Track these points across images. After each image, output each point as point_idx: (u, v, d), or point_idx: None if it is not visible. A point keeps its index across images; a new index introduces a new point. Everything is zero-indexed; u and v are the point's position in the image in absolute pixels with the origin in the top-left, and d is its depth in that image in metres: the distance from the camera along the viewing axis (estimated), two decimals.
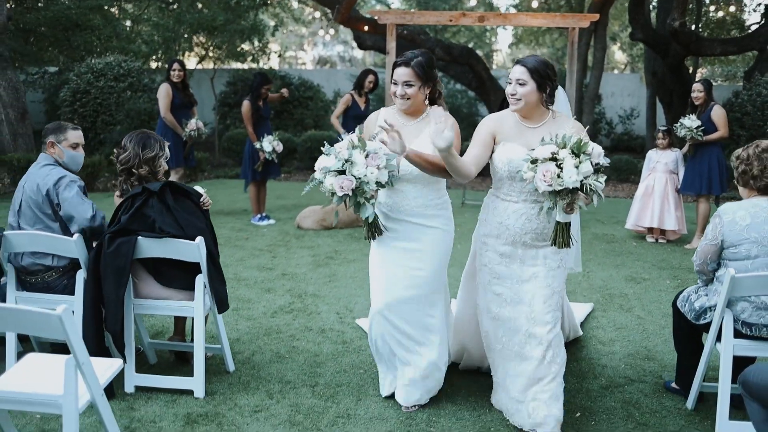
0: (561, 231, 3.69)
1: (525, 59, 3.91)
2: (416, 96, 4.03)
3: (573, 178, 3.42)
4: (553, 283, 3.93)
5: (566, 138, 3.52)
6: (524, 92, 3.84)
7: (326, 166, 3.75)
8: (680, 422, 4.14)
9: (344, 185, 3.72)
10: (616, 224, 9.97)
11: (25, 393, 3.10)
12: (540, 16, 9.55)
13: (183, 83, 9.49)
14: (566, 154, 3.45)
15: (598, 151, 3.51)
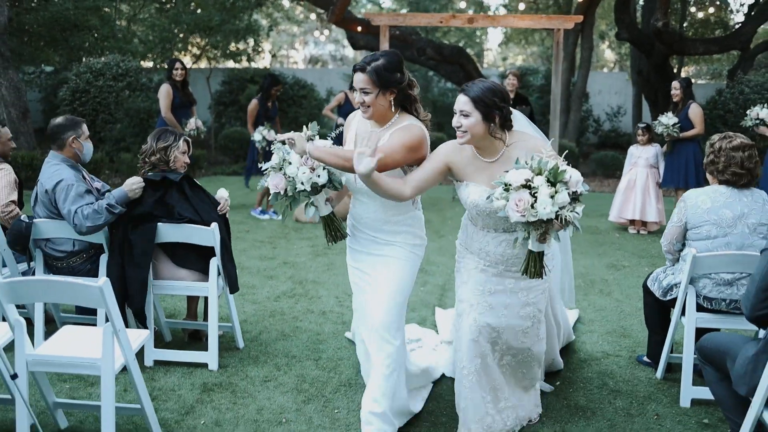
0: (533, 260, 3.42)
1: (469, 87, 3.57)
2: (374, 103, 3.64)
3: (547, 210, 3.13)
4: (529, 296, 3.83)
5: (542, 163, 3.21)
6: (469, 124, 3.52)
7: (270, 163, 3.76)
8: (650, 389, 4.57)
9: (277, 184, 3.70)
10: (600, 217, 10.41)
11: (66, 357, 3.51)
12: (527, 17, 9.99)
13: (183, 82, 9.82)
14: (541, 182, 3.16)
15: (576, 178, 3.19)
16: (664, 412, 4.27)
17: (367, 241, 3.94)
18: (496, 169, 3.54)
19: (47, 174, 4.85)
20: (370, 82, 3.61)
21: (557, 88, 9.42)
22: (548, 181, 3.16)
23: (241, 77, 18.09)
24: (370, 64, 3.63)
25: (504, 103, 3.53)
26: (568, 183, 3.17)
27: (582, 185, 3.22)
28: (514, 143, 3.60)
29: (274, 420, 4.07)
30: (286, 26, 31.52)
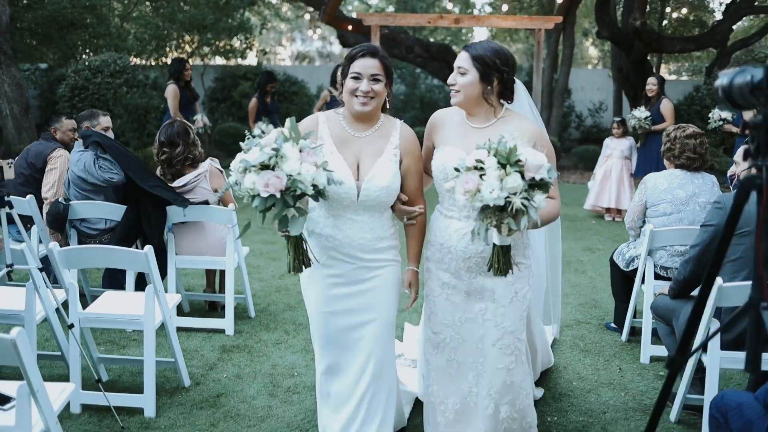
0: (497, 255, 3.07)
1: (472, 45, 3.32)
2: (381, 96, 3.29)
3: (494, 194, 2.78)
4: (504, 323, 3.36)
5: (500, 143, 2.87)
6: (463, 83, 3.26)
7: (247, 160, 2.91)
8: (615, 349, 5.21)
9: (271, 183, 2.87)
10: (579, 206, 11.06)
11: (113, 314, 4.11)
12: (510, 18, 10.64)
13: (188, 81, 10.30)
14: (492, 164, 2.83)
15: (535, 162, 2.82)
16: (627, 367, 4.90)
17: (354, 269, 3.39)
18: (483, 136, 3.15)
19: (73, 160, 5.51)
20: (383, 69, 3.29)
21: (538, 85, 10.05)
22: (499, 163, 2.83)
23: (234, 74, 18.62)
24: (379, 51, 3.33)
25: (507, 68, 3.26)
26: (524, 166, 2.81)
27: (548, 172, 2.84)
28: (507, 117, 3.32)
29: (287, 374, 4.67)
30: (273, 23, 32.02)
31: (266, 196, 2.88)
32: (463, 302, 3.42)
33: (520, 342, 3.39)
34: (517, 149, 2.83)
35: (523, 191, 2.81)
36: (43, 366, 4.71)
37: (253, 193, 2.90)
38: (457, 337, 3.45)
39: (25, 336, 2.62)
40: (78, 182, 5.42)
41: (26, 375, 2.69)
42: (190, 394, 4.37)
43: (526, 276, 3.39)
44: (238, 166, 2.95)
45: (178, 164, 5.35)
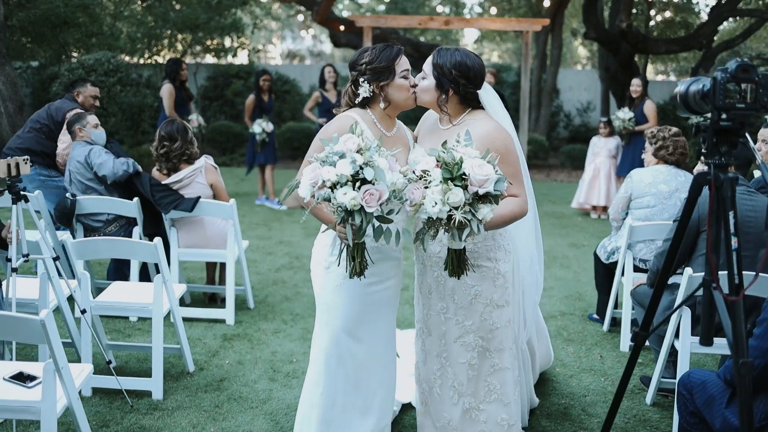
0: (451, 257, 3.08)
1: (440, 51, 3.42)
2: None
3: (436, 208, 2.80)
4: (465, 322, 3.45)
5: (448, 151, 2.89)
6: (421, 86, 3.38)
7: (341, 173, 2.79)
8: (597, 339, 5.49)
9: (373, 197, 2.78)
10: (566, 204, 11.35)
11: (123, 302, 4.35)
12: (498, 20, 10.91)
13: (183, 81, 10.46)
14: (436, 176, 2.83)
15: (481, 177, 2.80)
16: (607, 354, 5.18)
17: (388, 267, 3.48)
18: (444, 138, 3.20)
19: (76, 154, 5.82)
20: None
21: (526, 85, 10.33)
22: (444, 177, 2.83)
23: (227, 73, 18.81)
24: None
25: (465, 80, 3.31)
26: (468, 180, 2.80)
27: (496, 184, 2.83)
28: (468, 121, 3.37)
29: (286, 360, 4.93)
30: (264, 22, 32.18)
31: (371, 212, 2.80)
32: (428, 298, 3.55)
33: (486, 341, 3.45)
34: (463, 162, 2.83)
35: (466, 205, 2.82)
36: None
37: (354, 208, 2.78)
38: (425, 330, 3.60)
39: (52, 317, 2.87)
40: (82, 171, 5.67)
41: (53, 353, 2.93)
42: (194, 378, 4.62)
43: (490, 278, 3.41)
44: (318, 180, 2.82)
45: (175, 158, 5.59)
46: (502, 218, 3.16)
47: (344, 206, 2.78)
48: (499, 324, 3.48)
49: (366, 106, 3.40)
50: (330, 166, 2.81)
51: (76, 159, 5.72)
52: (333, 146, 2.86)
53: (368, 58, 3.33)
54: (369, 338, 3.46)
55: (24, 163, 3.88)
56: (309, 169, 2.87)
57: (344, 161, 2.79)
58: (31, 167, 3.99)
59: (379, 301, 3.45)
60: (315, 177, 2.82)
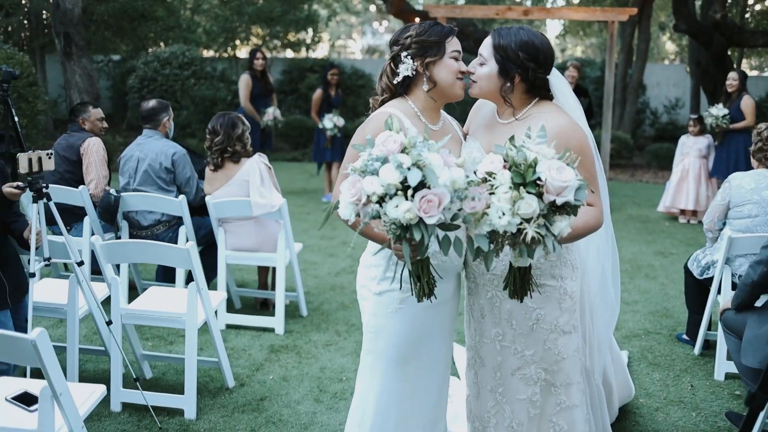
0: (513, 275, 2.58)
1: (499, 31, 2.87)
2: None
3: (503, 221, 2.28)
4: (525, 351, 2.95)
5: (519, 151, 2.36)
6: (481, 74, 2.85)
7: (387, 182, 2.25)
8: (687, 364, 4.84)
9: (432, 204, 2.24)
10: (652, 207, 10.56)
11: (156, 311, 3.98)
12: (582, 10, 10.21)
13: (263, 72, 10.16)
14: (504, 180, 2.32)
15: (561, 182, 2.29)
16: (699, 384, 4.54)
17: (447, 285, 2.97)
18: (506, 133, 2.79)
19: (156, 148, 5.46)
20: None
21: (611, 80, 9.62)
22: (514, 182, 2.32)
23: (301, 67, 18.57)
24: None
25: (534, 64, 2.80)
26: (544, 187, 2.30)
27: (576, 192, 2.32)
28: (535, 114, 2.84)
29: (335, 378, 4.48)
30: (343, 16, 32.02)
31: (432, 223, 2.25)
32: (480, 323, 3.05)
33: (550, 374, 2.94)
34: (538, 164, 2.31)
35: (539, 217, 2.30)
36: (89, 360, 4.64)
37: (411, 222, 2.25)
38: (478, 360, 3.10)
39: (45, 336, 2.48)
40: (156, 168, 5.39)
41: (48, 377, 2.55)
42: (233, 395, 4.22)
43: (555, 299, 2.90)
44: (360, 195, 2.29)
45: (216, 153, 5.22)
46: (575, 231, 2.63)
47: (398, 222, 2.26)
48: (566, 354, 2.95)
49: (406, 93, 2.89)
50: (372, 176, 2.27)
51: (155, 151, 5.42)
52: (371, 151, 2.33)
53: (415, 32, 2.84)
54: (424, 369, 2.98)
55: (48, 157, 3.53)
56: (347, 183, 2.33)
57: (388, 167, 2.25)
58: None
59: (437, 326, 2.97)
60: (356, 192, 2.30)
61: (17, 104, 11.65)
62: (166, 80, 15.74)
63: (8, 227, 3.80)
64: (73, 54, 14.27)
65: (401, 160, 2.25)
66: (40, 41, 17.91)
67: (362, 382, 3.02)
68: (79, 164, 5.53)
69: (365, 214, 2.32)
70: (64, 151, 5.58)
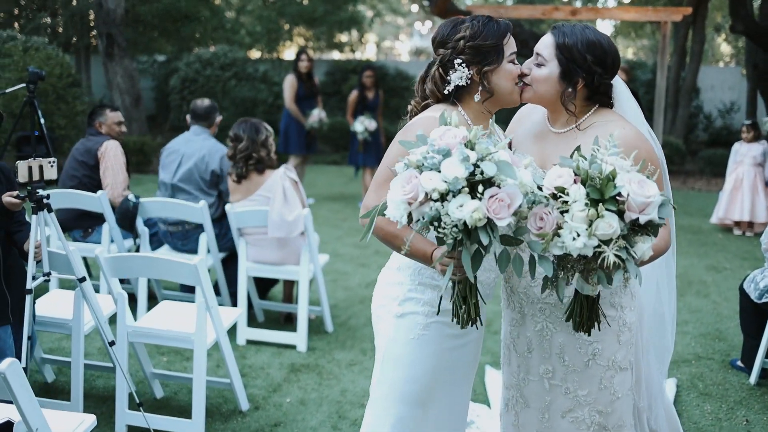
0: (580, 306, 2.27)
1: (561, 28, 2.54)
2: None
3: (578, 243, 2.00)
4: (578, 391, 2.62)
5: (593, 162, 2.08)
6: (538, 76, 2.50)
7: (453, 175, 1.98)
8: (741, 395, 4.43)
9: (502, 204, 2.00)
10: (704, 217, 10.06)
11: (163, 330, 3.73)
12: (632, 9, 9.77)
13: (308, 74, 9.95)
14: (579, 196, 2.02)
15: (644, 198, 2.00)
16: (755, 418, 4.13)
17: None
18: (561, 144, 2.54)
19: (204, 147, 5.34)
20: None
21: (662, 82, 9.17)
22: (589, 197, 2.03)
23: (344, 68, 18.35)
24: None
25: (601, 68, 2.48)
26: (625, 204, 2.01)
27: (660, 209, 2.05)
28: (597, 123, 2.52)
29: (356, 402, 4.18)
30: (391, 17, 31.78)
31: (504, 225, 2.00)
32: (527, 359, 2.69)
33: (604, 416, 2.61)
34: (616, 177, 2.02)
35: (620, 239, 2.02)
36: (100, 376, 4.42)
37: (479, 223, 1.98)
38: (520, 401, 2.74)
39: (17, 368, 2.23)
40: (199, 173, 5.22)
41: (21, 412, 2.30)
42: (246, 420, 3.95)
43: (614, 331, 2.57)
44: (417, 193, 2.01)
45: (241, 161, 4.96)
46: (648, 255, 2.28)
47: (461, 224, 1.98)
48: (620, 393, 2.62)
49: (456, 100, 2.54)
50: (432, 171, 2.00)
51: (204, 150, 5.31)
52: (432, 143, 2.07)
53: (468, 32, 2.47)
54: (444, 413, 2.64)
55: (50, 165, 3.30)
56: (400, 180, 2.06)
57: (452, 160, 1.99)
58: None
59: (463, 361, 2.63)
60: (411, 190, 2.01)
61: (57, 105, 11.62)
62: (207, 81, 15.65)
63: (11, 237, 3.60)
64: (115, 54, 14.27)
65: (466, 154, 2.00)
66: (85, 42, 17.99)
67: (372, 418, 2.67)
68: (97, 168, 5.36)
69: (423, 216, 2.03)
70: (82, 155, 5.42)
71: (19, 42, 11.90)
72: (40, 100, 10.91)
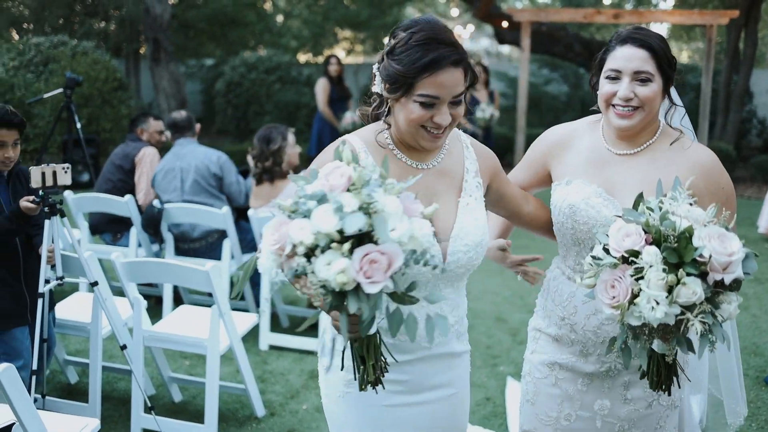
0: (656, 366, 2.01)
1: (639, 33, 2.22)
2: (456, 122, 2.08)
3: (658, 313, 1.79)
4: (633, 429, 2.41)
5: (664, 219, 1.86)
6: (650, 94, 2.19)
7: (320, 229, 1.61)
8: None
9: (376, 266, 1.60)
10: (751, 226, 9.76)
11: (177, 335, 3.75)
12: (677, 13, 9.56)
13: (339, 77, 10.02)
14: (654, 260, 1.81)
15: (726, 256, 1.79)
16: None
17: (421, 375, 2.18)
18: (630, 167, 2.28)
19: (198, 155, 5.36)
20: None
21: (707, 87, 8.94)
22: (666, 262, 1.81)
23: None
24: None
25: (675, 72, 2.27)
26: (708, 264, 1.80)
27: (745, 263, 1.84)
28: (664, 137, 2.30)
29: None
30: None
31: (375, 292, 1.60)
32: (580, 393, 2.40)
33: None
34: (693, 234, 1.79)
35: (704, 303, 1.79)
36: (121, 380, 4.47)
37: (345, 287, 1.60)
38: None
39: (13, 373, 2.25)
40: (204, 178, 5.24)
41: (17, 415, 2.32)
42: (260, 426, 3.95)
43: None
44: (285, 244, 1.66)
45: (258, 168, 4.98)
46: None
47: (329, 285, 1.61)
48: (668, 431, 2.45)
49: (387, 121, 2.10)
50: (303, 219, 1.64)
51: (199, 158, 5.34)
52: (305, 185, 1.72)
53: (393, 42, 2.02)
54: None
55: (64, 172, 3.34)
56: (271, 226, 1.71)
57: (325, 209, 1.62)
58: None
59: (411, 426, 2.17)
60: (280, 239, 1.67)
61: (103, 109, 11.84)
62: (252, 85, 15.80)
63: (31, 240, 3.66)
64: (161, 59, 14.51)
65: (343, 201, 1.63)
66: (134, 46, 18.34)
67: None
68: (132, 173, 5.50)
69: (289, 272, 1.67)
70: (120, 160, 5.55)
71: (68, 47, 12.17)
72: (86, 104, 11.18)
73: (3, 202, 3.49)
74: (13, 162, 3.48)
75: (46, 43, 12.34)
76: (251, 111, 15.78)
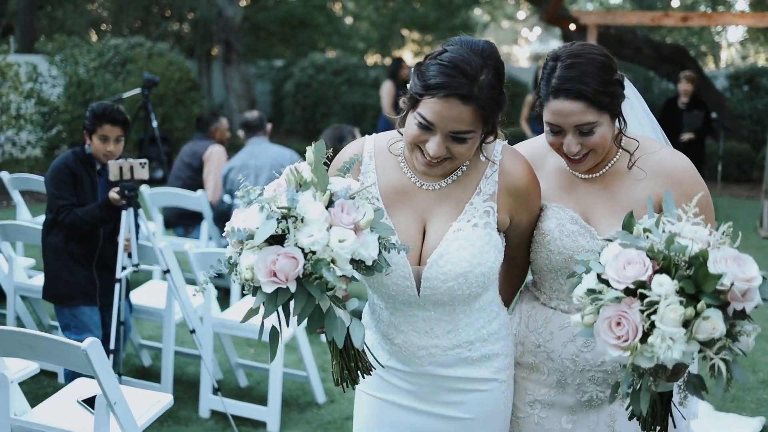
0: (653, 406, 1.80)
1: (567, 79, 1.95)
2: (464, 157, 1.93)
3: (675, 352, 1.54)
4: None
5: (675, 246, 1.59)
6: (598, 141, 1.98)
7: (243, 226, 1.72)
8: None
9: (280, 269, 1.64)
10: None
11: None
12: (748, 15, 9.42)
13: (405, 81, 10.05)
14: (667, 292, 1.54)
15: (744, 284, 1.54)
16: None
17: (428, 388, 2.07)
18: (596, 190, 2.10)
19: (272, 153, 5.60)
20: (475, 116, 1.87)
21: None
22: (681, 288, 1.55)
23: None
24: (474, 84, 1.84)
25: (621, 84, 2.01)
26: (729, 293, 1.55)
27: (762, 289, 1.57)
28: (625, 154, 2.09)
29: None
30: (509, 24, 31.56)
31: (271, 292, 1.66)
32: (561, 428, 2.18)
33: None
34: (707, 258, 1.54)
35: (721, 338, 1.54)
36: (191, 364, 4.72)
37: (253, 284, 1.70)
38: None
39: (98, 346, 2.49)
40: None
41: (101, 385, 2.56)
42: (321, 411, 4.15)
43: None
44: (232, 234, 1.75)
45: None
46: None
47: (244, 280, 1.70)
48: None
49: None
50: (246, 211, 1.77)
51: (273, 156, 5.58)
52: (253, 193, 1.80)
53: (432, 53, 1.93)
54: None
55: (141, 167, 3.60)
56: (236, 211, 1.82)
57: (255, 207, 1.72)
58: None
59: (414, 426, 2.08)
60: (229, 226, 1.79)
61: (176, 108, 12.27)
62: (321, 86, 16.10)
63: (116, 231, 3.93)
64: (232, 60, 14.94)
65: (266, 205, 1.71)
66: (207, 48, 18.90)
67: None
68: (200, 171, 5.75)
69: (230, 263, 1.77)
70: (189, 158, 5.82)
71: (144, 48, 12.67)
72: (161, 103, 11.63)
73: (100, 192, 3.78)
74: (115, 157, 3.74)
75: (123, 44, 12.87)
76: (319, 112, 16.08)
